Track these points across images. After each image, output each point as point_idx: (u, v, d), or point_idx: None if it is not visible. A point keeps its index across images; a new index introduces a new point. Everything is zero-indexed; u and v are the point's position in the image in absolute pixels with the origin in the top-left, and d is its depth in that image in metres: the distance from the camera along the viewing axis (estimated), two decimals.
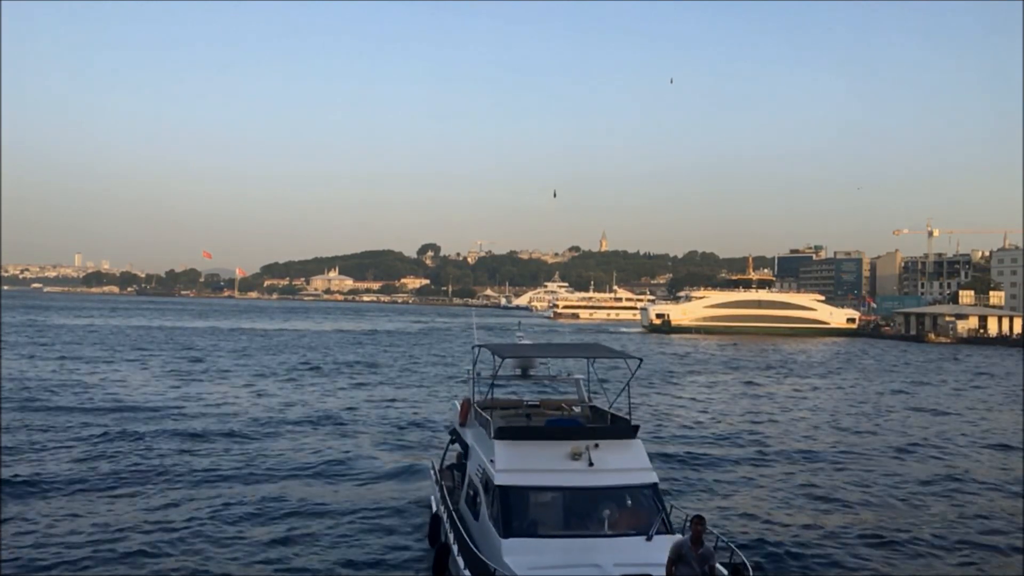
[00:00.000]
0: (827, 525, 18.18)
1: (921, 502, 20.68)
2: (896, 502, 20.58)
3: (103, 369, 48.81)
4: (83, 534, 16.08)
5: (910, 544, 16.97)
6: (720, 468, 24.30)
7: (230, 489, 20.04)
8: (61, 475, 20.76)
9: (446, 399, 37.46)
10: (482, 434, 13.85)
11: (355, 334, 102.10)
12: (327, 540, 16.30)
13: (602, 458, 12.21)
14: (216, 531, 16.56)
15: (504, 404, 16.89)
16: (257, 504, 18.63)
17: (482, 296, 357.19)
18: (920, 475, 23.96)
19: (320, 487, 20.74)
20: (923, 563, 16.00)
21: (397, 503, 19.14)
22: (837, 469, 24.59)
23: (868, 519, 18.85)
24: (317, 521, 17.57)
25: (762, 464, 25.07)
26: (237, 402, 35.91)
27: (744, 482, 22.67)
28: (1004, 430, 33.57)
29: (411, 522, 17.60)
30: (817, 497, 20.91)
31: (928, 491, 21.91)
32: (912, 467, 25.30)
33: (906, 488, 22.12)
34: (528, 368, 16.77)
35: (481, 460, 13.17)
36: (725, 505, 19.93)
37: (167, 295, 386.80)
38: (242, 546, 15.73)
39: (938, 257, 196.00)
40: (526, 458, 12.22)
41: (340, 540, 16.33)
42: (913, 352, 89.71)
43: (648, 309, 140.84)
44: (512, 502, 11.68)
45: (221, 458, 23.57)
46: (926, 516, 19.31)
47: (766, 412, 37.44)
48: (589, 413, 16.05)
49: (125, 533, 16.14)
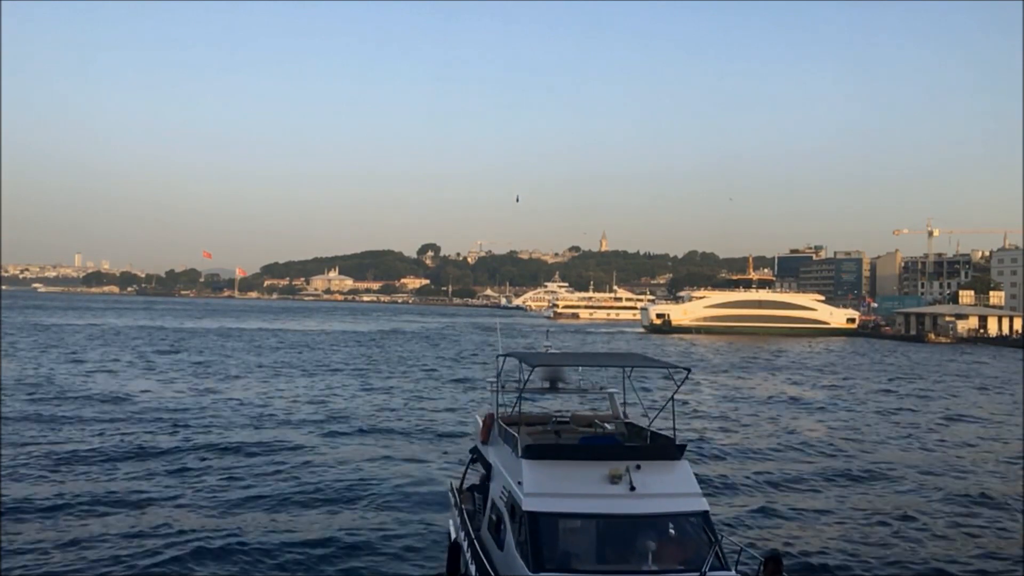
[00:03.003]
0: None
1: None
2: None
3: (138, 375, 48.79)
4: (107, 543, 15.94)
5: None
6: (761, 490, 21.67)
7: (221, 515, 18.17)
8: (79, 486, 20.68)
9: (461, 408, 36.58)
10: (508, 452, 12.64)
11: (370, 334, 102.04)
12: (331, 572, 14.88)
13: (645, 481, 10.89)
14: (210, 560, 15.19)
15: (531, 419, 15.31)
16: (249, 531, 16.90)
17: (482, 296, 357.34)
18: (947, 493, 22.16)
19: (324, 509, 18.92)
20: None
21: (411, 528, 17.55)
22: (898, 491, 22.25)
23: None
24: (320, 549, 15.94)
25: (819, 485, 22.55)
26: (238, 409, 35.76)
27: (799, 509, 19.71)
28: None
29: (427, 550, 16.07)
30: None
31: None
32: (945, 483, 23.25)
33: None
34: (557, 380, 15.43)
35: (507, 482, 11.94)
36: (782, 534, 17.72)
37: (167, 295, 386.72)
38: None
39: (938, 257, 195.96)
40: (558, 480, 11.01)
41: (348, 573, 14.94)
42: (918, 352, 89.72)
43: (648, 309, 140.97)
44: (542, 530, 10.42)
45: (217, 479, 21.35)
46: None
47: (792, 420, 36.42)
48: (625, 430, 14.49)
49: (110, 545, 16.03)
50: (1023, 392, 48.83)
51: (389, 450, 26.19)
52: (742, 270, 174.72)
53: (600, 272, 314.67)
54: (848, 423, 34.85)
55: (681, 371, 13.15)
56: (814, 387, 50.12)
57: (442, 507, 18.23)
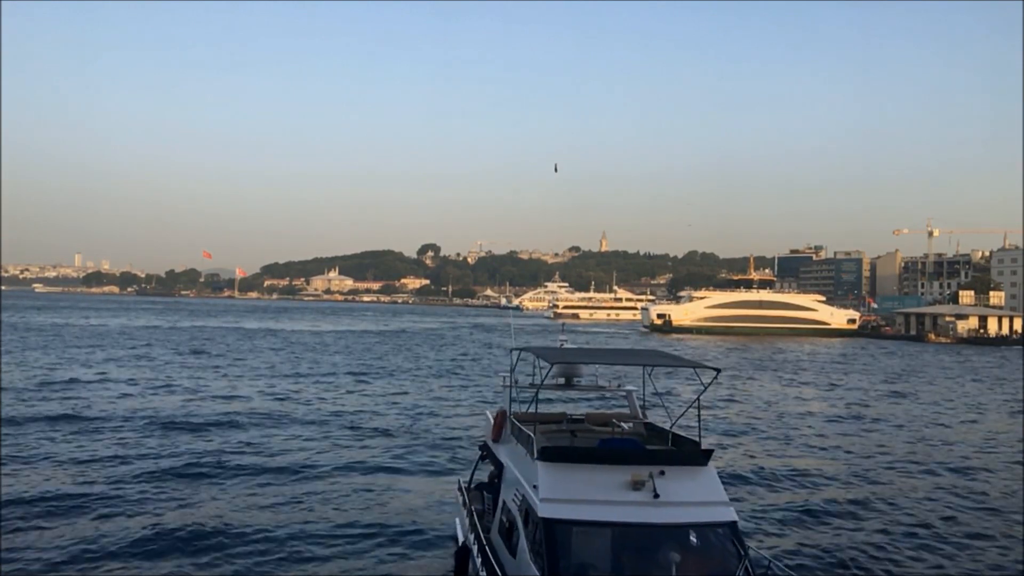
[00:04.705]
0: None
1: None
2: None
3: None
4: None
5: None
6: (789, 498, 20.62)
7: (219, 509, 17.75)
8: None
9: (468, 403, 36.51)
10: (521, 453, 12.04)
11: (372, 334, 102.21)
12: (334, 572, 14.34)
13: (669, 488, 10.24)
14: (208, 561, 14.76)
15: (544, 418, 14.51)
16: (249, 528, 16.38)
17: (482, 296, 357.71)
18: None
19: (326, 507, 18.26)
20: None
21: (414, 527, 16.83)
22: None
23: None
24: (320, 547, 15.38)
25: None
26: (242, 406, 35.91)
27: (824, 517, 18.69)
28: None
29: (433, 551, 15.40)
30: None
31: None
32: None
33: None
34: (572, 376, 14.63)
35: (520, 485, 11.33)
36: (797, 541, 16.91)
37: (167, 295, 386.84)
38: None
39: (938, 257, 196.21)
40: (576, 485, 10.37)
41: (349, 573, 14.28)
42: (918, 353, 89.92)
43: (649, 309, 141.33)
44: (559, 539, 9.83)
45: (214, 481, 20.66)
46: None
47: (796, 421, 36.73)
48: (644, 432, 13.71)
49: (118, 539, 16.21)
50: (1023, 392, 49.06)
51: (393, 448, 25.84)
52: (742, 270, 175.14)
53: (600, 272, 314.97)
54: (851, 424, 34.98)
55: (710, 371, 12.33)
56: (816, 387, 50.28)
57: (448, 505, 17.73)
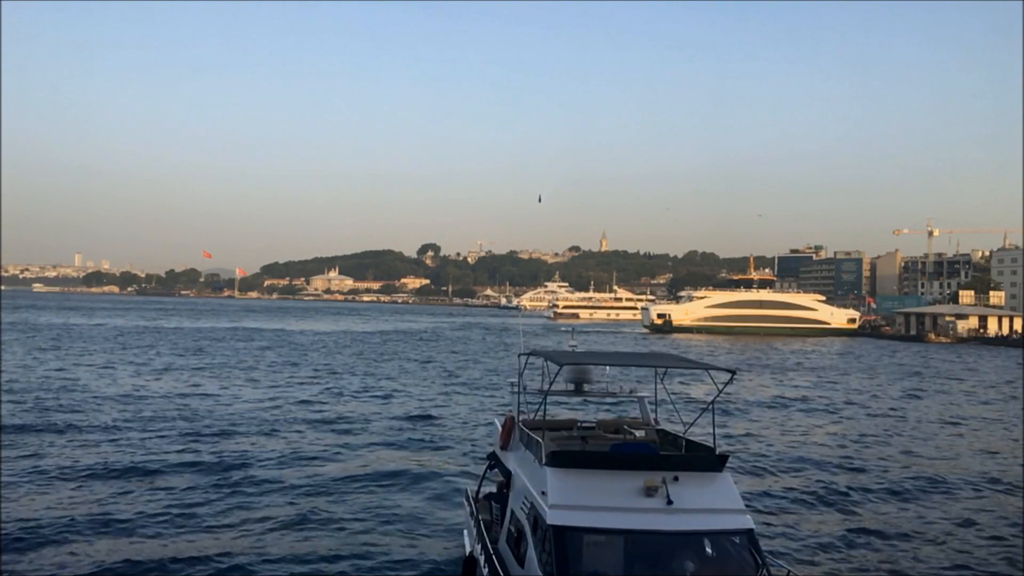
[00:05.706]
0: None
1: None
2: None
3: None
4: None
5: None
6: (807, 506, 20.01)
7: (220, 518, 17.41)
8: None
9: (474, 408, 36.34)
10: (530, 460, 11.65)
11: (372, 335, 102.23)
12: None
13: (683, 495, 9.93)
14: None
15: (554, 424, 14.16)
16: (254, 537, 16.10)
17: (482, 296, 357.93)
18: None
19: (333, 514, 17.79)
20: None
21: (422, 538, 16.49)
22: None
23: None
24: (328, 556, 15.05)
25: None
26: (244, 407, 35.94)
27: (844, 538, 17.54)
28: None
29: (439, 563, 15.06)
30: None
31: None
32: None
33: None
34: (583, 381, 14.19)
35: (528, 492, 11.01)
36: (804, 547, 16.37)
37: (167, 295, 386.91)
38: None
39: (938, 257, 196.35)
40: (587, 492, 10.08)
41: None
42: (918, 352, 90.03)
43: (649, 309, 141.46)
44: (569, 547, 9.52)
45: (207, 492, 19.73)
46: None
47: (799, 422, 36.71)
48: (657, 438, 13.29)
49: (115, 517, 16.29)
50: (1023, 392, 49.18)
51: (400, 456, 25.07)
52: (742, 270, 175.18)
53: (600, 272, 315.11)
54: (853, 425, 35.12)
55: (724, 373, 11.88)
56: (817, 388, 50.37)
57: (456, 516, 17.46)
